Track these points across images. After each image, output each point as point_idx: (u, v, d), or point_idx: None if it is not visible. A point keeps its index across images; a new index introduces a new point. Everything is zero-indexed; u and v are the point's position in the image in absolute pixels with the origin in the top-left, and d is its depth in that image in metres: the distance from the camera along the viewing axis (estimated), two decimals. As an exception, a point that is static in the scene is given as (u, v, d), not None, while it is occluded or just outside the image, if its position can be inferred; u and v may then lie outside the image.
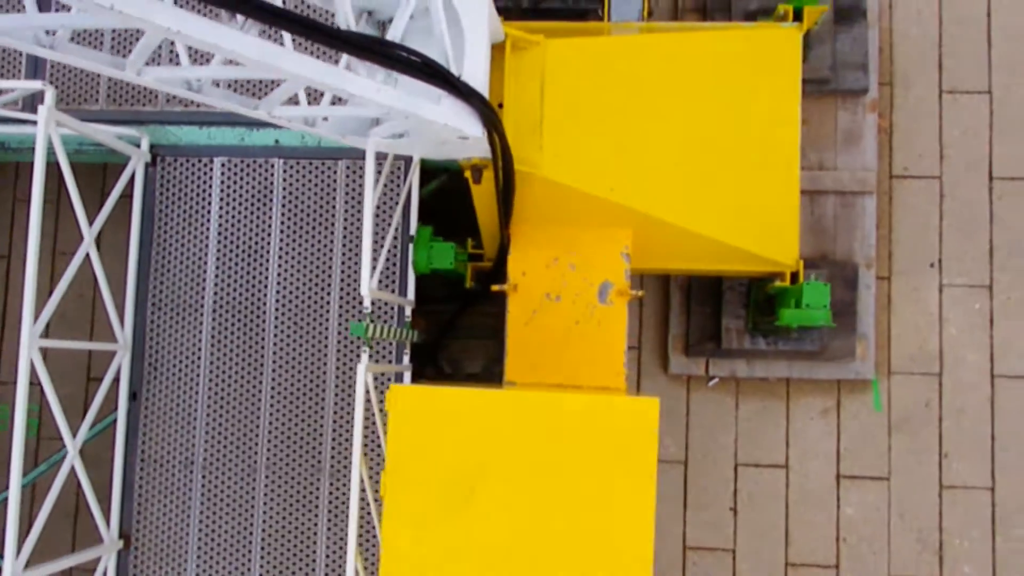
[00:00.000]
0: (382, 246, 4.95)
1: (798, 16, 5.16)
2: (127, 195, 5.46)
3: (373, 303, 5.16)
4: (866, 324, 5.85)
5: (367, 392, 4.32)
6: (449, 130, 3.85)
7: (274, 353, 5.34)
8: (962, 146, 6.00)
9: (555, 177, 4.60)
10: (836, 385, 5.92)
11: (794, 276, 5.07)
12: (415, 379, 5.41)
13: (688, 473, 5.95)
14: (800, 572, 5.83)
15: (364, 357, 4.36)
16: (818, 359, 5.83)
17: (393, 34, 3.61)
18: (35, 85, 4.76)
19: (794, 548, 5.85)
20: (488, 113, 3.90)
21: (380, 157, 4.90)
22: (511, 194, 4.55)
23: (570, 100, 4.67)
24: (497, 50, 4.51)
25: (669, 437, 5.99)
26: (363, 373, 4.30)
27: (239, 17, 3.03)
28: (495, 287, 4.93)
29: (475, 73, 3.89)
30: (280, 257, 5.38)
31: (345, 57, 3.49)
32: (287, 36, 3.68)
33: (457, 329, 6.09)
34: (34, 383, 4.65)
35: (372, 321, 4.53)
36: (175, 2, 2.84)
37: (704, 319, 5.89)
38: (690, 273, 5.75)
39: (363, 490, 4.45)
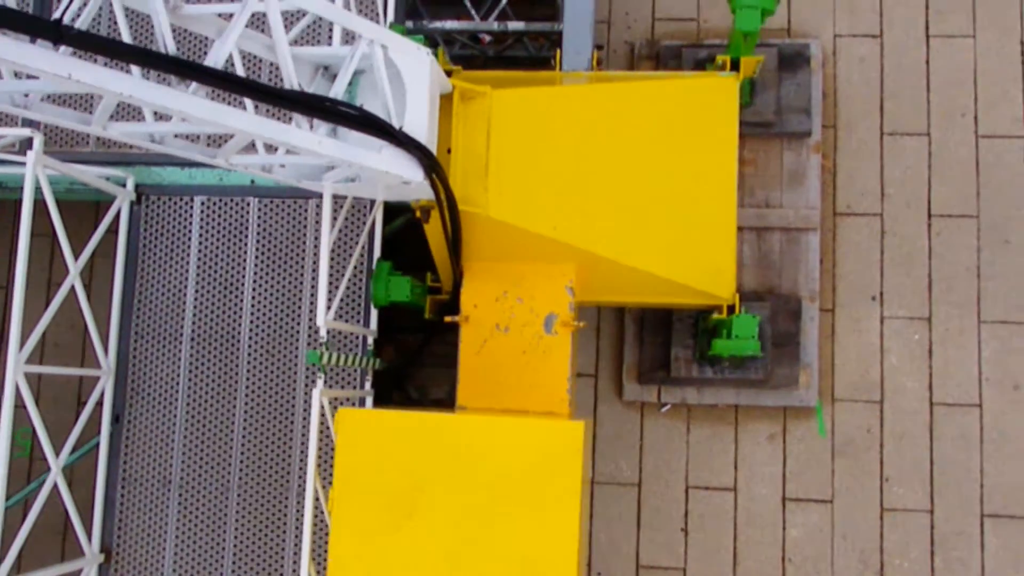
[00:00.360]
0: (341, 280, 5.33)
1: (736, 66, 5.54)
2: (115, 230, 5.88)
3: (336, 333, 5.53)
4: (810, 354, 6.17)
5: (323, 415, 4.68)
6: (391, 176, 4.23)
7: (247, 380, 5.72)
8: (902, 185, 6.34)
9: (500, 217, 4.97)
10: (782, 412, 6.22)
11: (731, 309, 5.41)
12: (383, 404, 5.77)
13: (642, 495, 6.26)
14: (747, 590, 6.11)
15: (319, 383, 4.73)
16: (764, 387, 6.15)
17: (336, 90, 4.01)
18: (24, 132, 5.19)
19: (742, 568, 6.14)
20: (428, 159, 4.29)
21: (341, 198, 5.30)
22: (458, 233, 4.93)
23: (515, 145, 5.05)
24: (447, 100, 4.91)
25: (624, 460, 6.30)
26: (317, 397, 4.67)
27: (188, 82, 3.43)
28: (448, 318, 5.30)
29: (416, 124, 4.27)
30: (254, 289, 5.77)
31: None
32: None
33: (424, 357, 6.45)
34: (23, 407, 5.06)
35: (328, 350, 4.89)
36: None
37: (656, 349, 6.23)
38: (635, 305, 6.10)
39: (319, 506, 4.80)
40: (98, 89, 3.13)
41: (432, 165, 4.32)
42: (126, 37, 3.62)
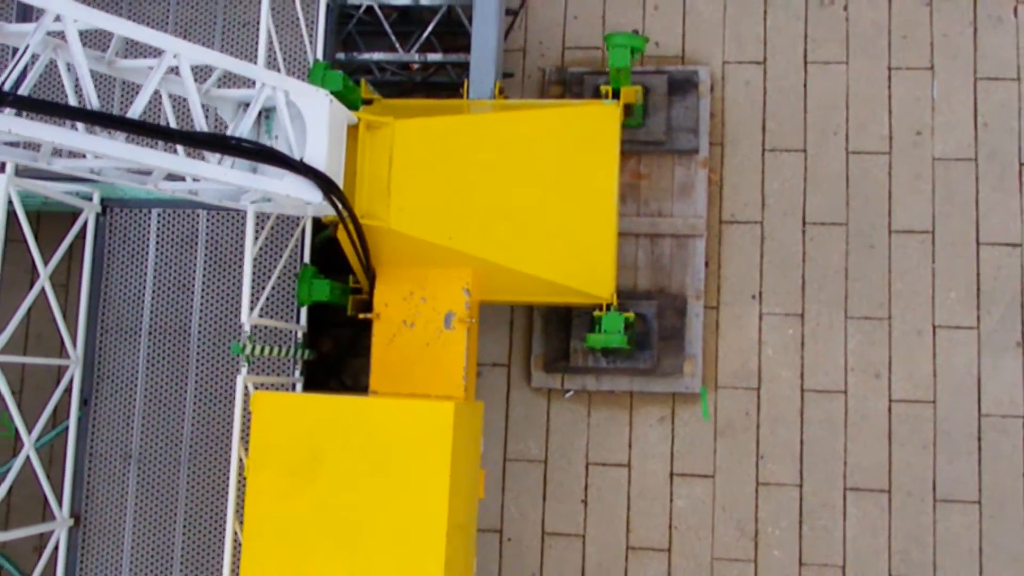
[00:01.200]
0: (268, 282, 6.19)
1: (617, 95, 6.35)
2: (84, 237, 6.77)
3: (269, 328, 6.39)
4: (695, 346, 6.98)
5: (248, 398, 5.55)
6: (293, 198, 5.08)
7: (196, 368, 6.60)
8: (780, 196, 7.13)
9: (400, 229, 5.81)
10: (671, 397, 7.04)
11: (610, 307, 6.23)
12: (320, 390, 6.64)
13: (547, 470, 7.09)
14: (638, 554, 6.94)
15: (243, 370, 5.60)
16: (653, 375, 6.96)
17: (242, 129, 4.86)
18: (-1, 157, 6.06)
19: (634, 535, 6.97)
20: (324, 183, 5.13)
21: (268, 215, 6.15)
22: (364, 242, 5.78)
23: (416, 167, 5.89)
24: (355, 129, 5.75)
25: (532, 440, 7.14)
26: (241, 383, 5.54)
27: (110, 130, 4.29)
28: (362, 315, 6.15)
29: (315, 154, 5.11)
30: (203, 290, 6.64)
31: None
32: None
33: (358, 349, 7.31)
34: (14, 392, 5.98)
35: (252, 342, 5.76)
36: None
37: (559, 341, 7.05)
38: (528, 304, 6.94)
39: (242, 474, 5.67)
40: (35, 139, 4.00)
41: (329, 188, 5.16)
42: (69, 92, 4.48)
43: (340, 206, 5.34)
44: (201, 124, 4.63)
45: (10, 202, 5.91)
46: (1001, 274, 6.89)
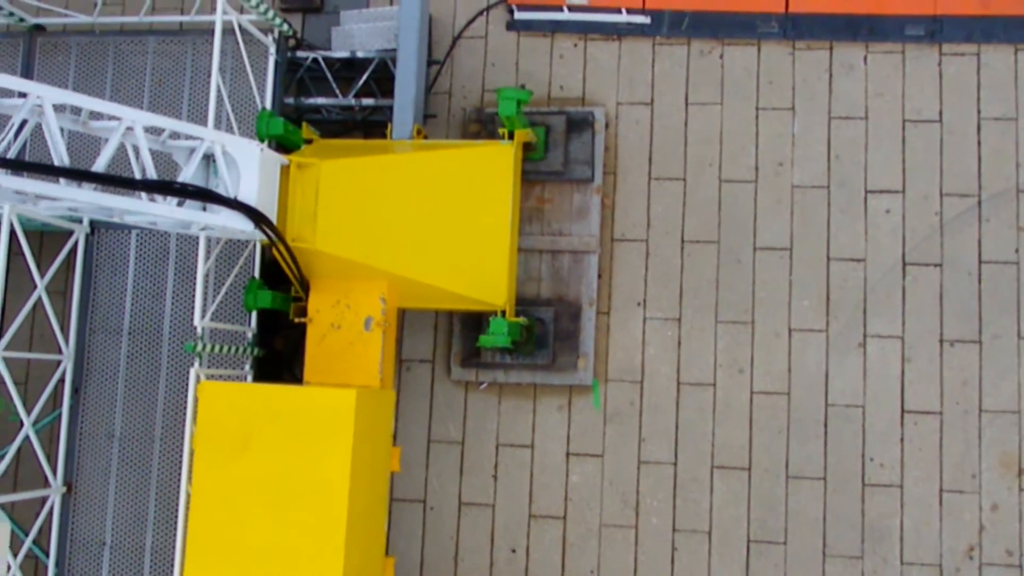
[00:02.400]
0: (221, 290, 7.54)
1: (512, 136, 7.64)
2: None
3: (226, 330, 7.72)
4: (587, 346, 8.24)
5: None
6: (229, 228, 6.42)
7: (167, 363, 7.97)
8: (663, 218, 8.37)
9: (325, 250, 7.14)
10: (568, 389, 8.31)
11: (504, 312, 7.52)
12: (273, 381, 7.96)
13: (464, 450, 8.39)
14: (539, 521, 8.22)
15: (195, 365, 6.95)
16: (552, 370, 8.24)
17: (187, 174, 6.20)
18: (3, 191, 7.44)
19: (535, 504, 8.25)
20: (255, 215, 6.46)
21: (219, 239, 7.49)
22: (295, 260, 7.11)
23: (339, 198, 7.21)
24: (288, 169, 7.08)
25: (451, 424, 8.44)
26: (193, 375, 6.89)
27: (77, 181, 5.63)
28: (297, 319, 7.49)
29: (247, 192, 6.45)
30: (172, 298, 8.01)
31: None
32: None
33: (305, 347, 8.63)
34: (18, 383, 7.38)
35: (203, 341, 7.10)
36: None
37: (473, 341, 8.33)
38: (440, 310, 8.23)
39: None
40: (21, 190, 5.35)
41: (258, 219, 6.50)
42: (52, 152, 5.81)
43: (270, 233, 6.67)
44: (151, 171, 5.98)
45: (12, 226, 7.29)
46: (847, 285, 8.09)
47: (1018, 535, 7.70)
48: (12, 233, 7.24)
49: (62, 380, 8.06)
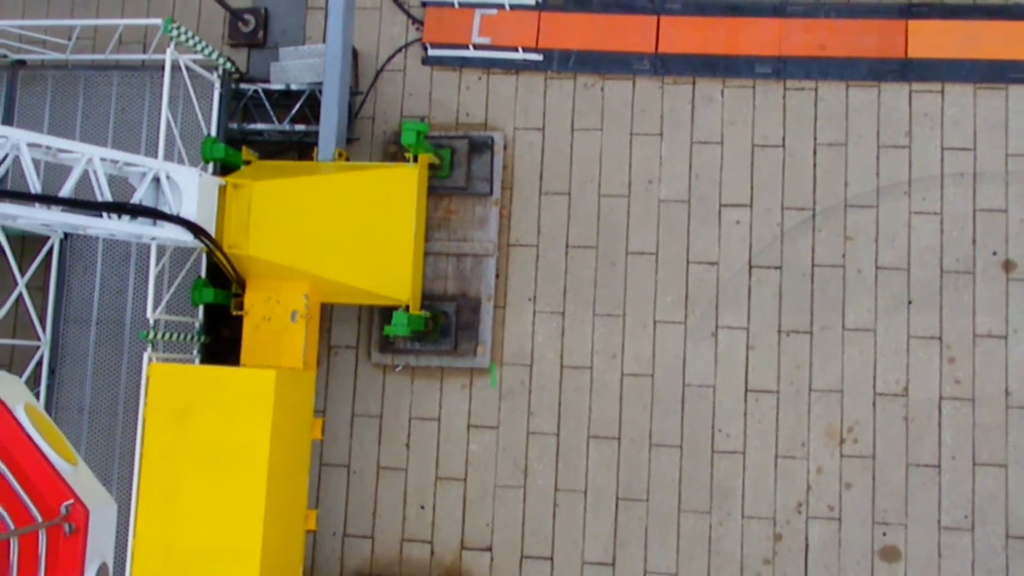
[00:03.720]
0: (170, 289, 9.02)
1: (416, 159, 9.13)
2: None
3: (177, 321, 9.20)
4: (486, 335, 9.76)
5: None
6: (172, 239, 7.91)
7: (128, 348, 9.46)
8: (552, 227, 9.87)
9: (256, 255, 8.63)
10: (469, 371, 9.82)
11: (408, 307, 9.02)
12: (218, 364, 9.45)
13: (382, 422, 9.90)
14: (443, 482, 9.74)
15: (148, 350, 8.45)
16: (455, 355, 9.75)
17: (136, 197, 7.68)
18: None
19: (441, 468, 9.77)
20: (194, 228, 7.94)
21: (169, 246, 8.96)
22: (231, 264, 8.60)
23: (268, 212, 8.68)
24: (225, 189, 8.56)
25: (372, 401, 9.95)
26: (146, 359, 8.39)
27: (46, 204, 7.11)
28: (234, 312, 8.99)
29: (188, 209, 7.93)
30: (133, 294, 9.50)
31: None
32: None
33: (251, 335, 10.11)
34: (2, 365, 8.82)
35: (155, 330, 8.59)
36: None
37: (389, 330, 9.83)
38: (358, 304, 9.71)
39: (149, 419, 8.51)
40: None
41: (198, 231, 7.98)
42: (34, 181, 7.26)
43: (207, 242, 8.17)
44: (107, 194, 7.46)
45: (-3, 235, 8.77)
46: (703, 284, 9.61)
47: (838, 493, 9.25)
48: (-3, 242, 8.73)
49: (40, 363, 9.54)
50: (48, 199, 7.03)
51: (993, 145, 9.42)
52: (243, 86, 9.92)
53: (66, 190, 7.21)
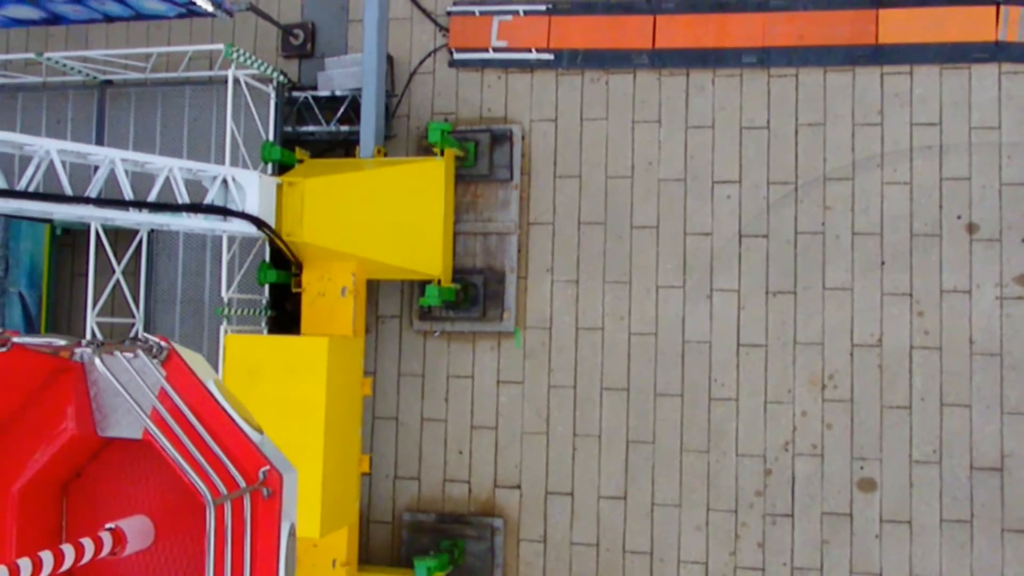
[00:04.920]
0: (241, 271, 10.68)
1: (443, 153, 10.61)
2: (140, 247, 11.39)
3: (246, 299, 10.87)
4: (510, 302, 11.24)
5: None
6: (239, 231, 9.54)
7: (208, 322, 11.17)
8: (565, 207, 11.27)
9: (310, 241, 10.22)
10: (497, 335, 11.33)
11: (440, 281, 10.55)
12: (279, 333, 11.12)
13: (424, 381, 11.48)
14: (478, 431, 11.30)
15: (224, 324, 10.14)
16: (485, 321, 11.26)
17: (209, 197, 9.31)
18: None
19: (475, 418, 11.33)
20: (257, 221, 9.55)
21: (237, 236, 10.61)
22: (290, 249, 10.21)
23: (319, 204, 10.25)
24: (282, 187, 10.16)
25: (415, 363, 11.53)
26: (222, 331, 10.08)
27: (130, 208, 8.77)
28: (294, 289, 10.62)
29: (252, 205, 9.54)
30: (210, 276, 11.19)
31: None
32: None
33: (310, 308, 11.76)
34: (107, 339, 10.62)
35: (229, 307, 10.26)
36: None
37: (427, 301, 11.38)
38: (398, 279, 11.26)
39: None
40: (101, 216, 8.53)
41: (260, 224, 9.60)
42: (127, 190, 8.92)
43: (269, 232, 9.79)
44: (185, 197, 9.10)
45: (97, 232, 10.51)
46: (698, 253, 10.92)
47: (820, 433, 10.55)
48: (97, 237, 10.49)
49: (135, 337, 11.31)
50: (139, 204, 8.69)
51: (957, 120, 10.49)
52: (295, 93, 11.49)
53: (152, 196, 8.86)
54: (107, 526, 4.31)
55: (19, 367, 4.15)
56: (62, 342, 4.22)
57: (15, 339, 3.93)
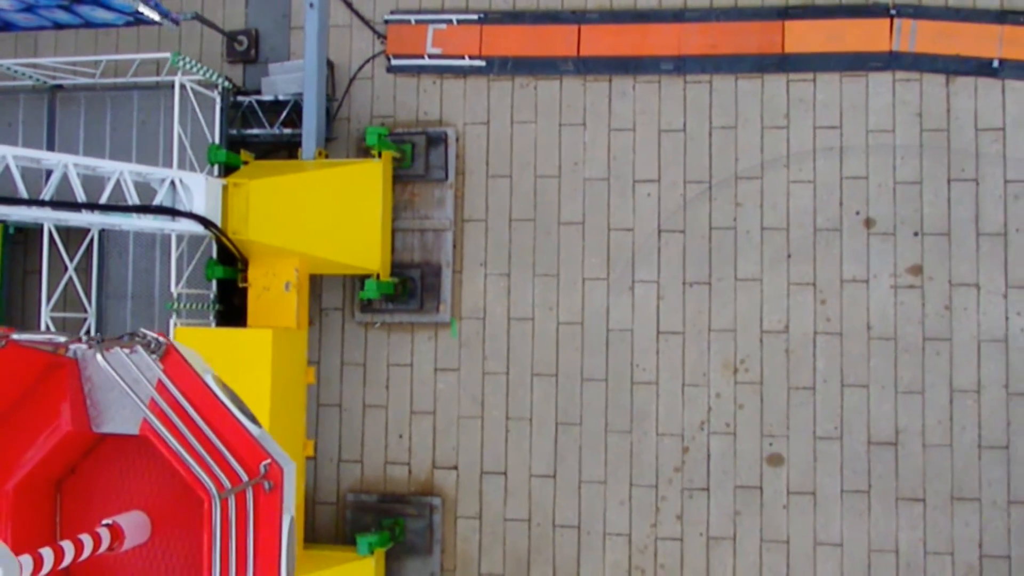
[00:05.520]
0: (189, 267, 11.27)
1: (380, 155, 11.29)
2: (92, 245, 11.91)
3: (195, 294, 11.46)
4: (447, 295, 11.95)
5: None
6: (187, 230, 10.13)
7: (158, 316, 11.74)
8: (497, 205, 12.01)
9: (254, 238, 10.84)
10: (434, 325, 12.04)
11: (378, 276, 11.24)
12: (227, 326, 11.72)
13: (366, 370, 12.17)
14: (417, 416, 12.01)
15: (174, 317, 10.73)
16: (422, 312, 11.97)
17: (158, 198, 9.89)
18: None
19: (415, 404, 12.03)
20: (203, 221, 10.15)
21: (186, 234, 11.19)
22: (235, 246, 10.83)
23: (263, 204, 10.87)
24: (227, 188, 10.76)
25: (356, 352, 12.21)
26: (172, 325, 10.67)
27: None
28: (241, 284, 11.24)
29: (199, 206, 10.14)
30: (159, 272, 11.76)
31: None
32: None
33: (256, 302, 12.37)
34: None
35: (178, 302, 10.86)
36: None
37: (368, 294, 12.05)
38: (339, 274, 11.93)
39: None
40: (54, 217, 9.09)
41: (207, 223, 10.20)
42: (79, 192, 9.47)
43: (215, 230, 10.40)
44: (136, 198, 9.68)
45: (51, 232, 11.03)
46: (621, 247, 11.74)
47: (733, 413, 11.43)
48: (50, 235, 11.01)
49: (88, 331, 11.86)
50: (91, 206, 9.25)
51: (856, 123, 11.41)
52: (240, 98, 12.07)
53: (104, 198, 9.43)
54: (105, 522, 4.32)
55: (14, 363, 4.15)
56: (62, 338, 4.28)
57: (13, 335, 3.99)
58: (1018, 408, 10.91)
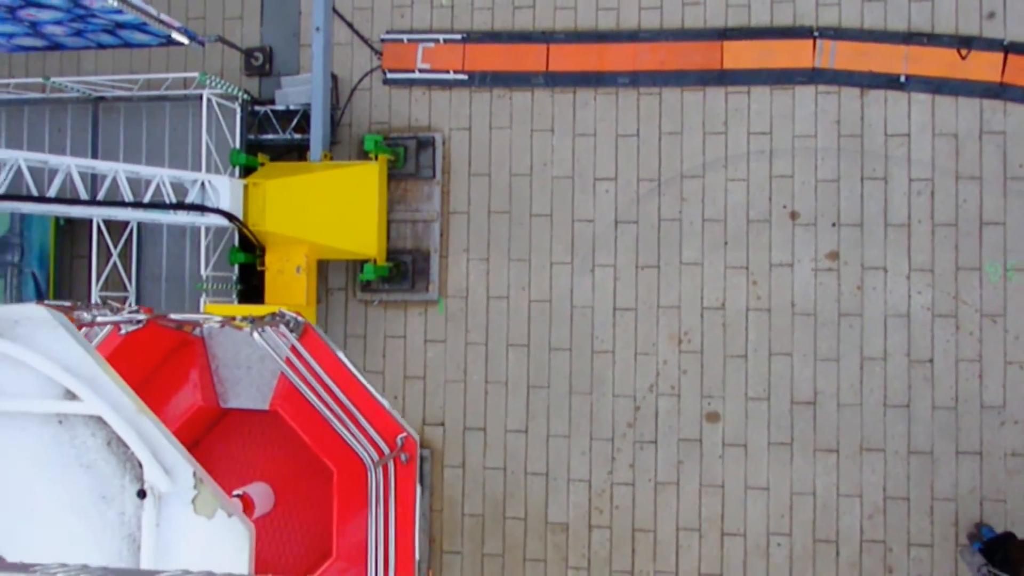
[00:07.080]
0: (215, 254, 13.28)
1: (376, 158, 13.27)
2: (131, 234, 13.95)
3: (219, 276, 13.47)
4: (435, 276, 13.95)
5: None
6: (214, 223, 12.14)
7: (188, 295, 13.76)
8: (480, 199, 13.97)
9: (271, 230, 12.84)
10: (424, 303, 14.05)
11: (375, 260, 13.24)
12: (246, 304, 13.74)
13: (365, 342, 14.18)
14: (410, 380, 14.03)
15: (203, 296, 12.76)
16: (414, 292, 13.98)
17: (190, 197, 11.89)
18: None
19: (407, 370, 14.05)
20: (228, 215, 12.15)
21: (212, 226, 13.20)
22: (255, 236, 12.83)
23: (278, 200, 12.87)
24: (248, 187, 12.75)
25: (358, 326, 14.22)
26: (203, 302, 12.70)
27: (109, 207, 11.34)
28: (260, 267, 13.25)
29: (224, 202, 12.13)
30: (189, 258, 13.78)
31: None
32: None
33: (272, 283, 14.40)
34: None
35: (207, 283, 12.87)
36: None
37: (367, 276, 14.06)
38: (343, 259, 13.93)
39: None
40: (101, 216, 11.11)
41: (231, 217, 12.20)
42: (126, 192, 11.46)
43: (238, 224, 12.41)
44: (172, 196, 11.69)
45: (98, 224, 13.06)
46: (583, 236, 13.70)
47: (678, 377, 13.42)
48: (98, 226, 13.05)
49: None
50: (137, 204, 11.25)
51: (783, 130, 13.32)
52: (257, 108, 14.04)
53: (147, 197, 11.44)
54: (235, 492, 4.39)
55: (151, 342, 4.37)
56: (198, 318, 4.51)
57: (149, 316, 4.30)
58: (917, 373, 12.87)
